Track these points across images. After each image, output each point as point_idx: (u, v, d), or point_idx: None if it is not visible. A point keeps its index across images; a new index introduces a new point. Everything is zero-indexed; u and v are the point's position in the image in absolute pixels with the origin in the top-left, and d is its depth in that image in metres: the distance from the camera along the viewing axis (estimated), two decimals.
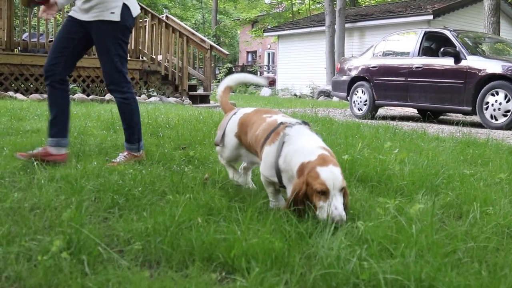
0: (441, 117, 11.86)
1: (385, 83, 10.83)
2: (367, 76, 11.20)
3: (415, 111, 12.59)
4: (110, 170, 3.43)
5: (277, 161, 2.67)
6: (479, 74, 9.17)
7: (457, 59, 9.54)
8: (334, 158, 2.61)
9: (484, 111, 9.09)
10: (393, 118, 10.80)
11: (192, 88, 14.13)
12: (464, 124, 8.77)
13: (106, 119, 6.19)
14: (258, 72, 38.99)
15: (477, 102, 9.17)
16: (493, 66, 9.10)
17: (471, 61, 9.39)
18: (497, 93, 8.90)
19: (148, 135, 5.16)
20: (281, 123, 2.83)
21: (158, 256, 2.05)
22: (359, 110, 11.33)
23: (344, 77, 11.92)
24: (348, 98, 11.76)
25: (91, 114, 6.95)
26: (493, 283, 1.73)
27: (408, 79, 10.37)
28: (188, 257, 2.00)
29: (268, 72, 41.37)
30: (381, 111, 12.58)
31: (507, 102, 8.75)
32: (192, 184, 3.13)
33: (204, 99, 13.88)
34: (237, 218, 2.39)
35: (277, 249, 1.97)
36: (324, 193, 2.43)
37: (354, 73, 11.62)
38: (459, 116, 11.78)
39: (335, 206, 2.41)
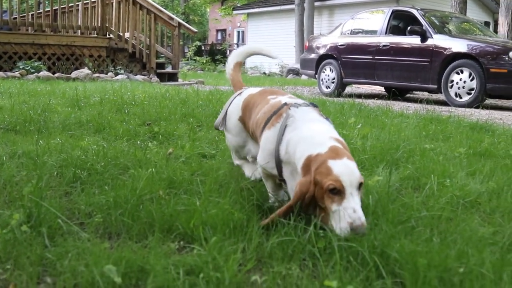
0: (408, 95, 12.01)
1: (353, 61, 10.92)
2: (335, 54, 11.26)
3: (383, 89, 12.73)
4: (73, 146, 3.42)
5: (277, 149, 2.21)
6: (445, 52, 9.31)
7: (424, 38, 9.66)
8: (348, 151, 2.15)
9: (449, 89, 9.24)
10: (360, 96, 10.89)
11: (160, 66, 14.02)
12: (429, 102, 8.92)
13: (71, 96, 6.12)
14: (228, 51, 38.77)
15: (442, 80, 9.31)
16: (458, 45, 9.24)
17: (437, 40, 9.52)
18: (462, 72, 9.05)
19: (113, 112, 5.13)
20: (285, 104, 2.38)
21: (118, 228, 2.06)
22: (327, 88, 11.40)
23: (313, 55, 11.96)
24: (316, 76, 11.82)
25: (56, 92, 6.86)
26: (442, 249, 1.79)
27: (376, 57, 10.47)
28: (148, 229, 2.02)
29: None
30: (349, 89, 12.66)
31: (471, 80, 8.91)
32: (156, 159, 3.14)
33: (172, 77, 13.78)
34: (198, 190, 2.42)
35: (236, 219, 2.01)
36: (339, 192, 1.93)
37: (322, 51, 11.67)
38: (425, 94, 11.94)
39: (353, 208, 1.91)
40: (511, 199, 2.58)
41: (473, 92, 8.91)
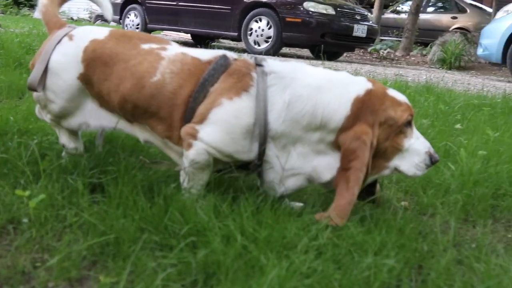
0: (213, 43, 12.19)
1: (157, 7, 10.81)
2: None
3: (189, 36, 12.77)
4: None
5: (265, 122, 1.63)
6: (245, 1, 9.55)
7: None
8: None
9: (248, 37, 9.54)
10: None
11: None
12: (232, 49, 9.10)
13: None
14: None
15: (242, 28, 9.56)
16: None
17: None
18: (261, 20, 9.36)
19: None
20: (225, 56, 1.75)
21: None
22: None
23: (118, 0, 11.59)
24: (121, 21, 11.52)
25: None
26: None
27: (179, 3, 10.44)
28: None
29: None
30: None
31: (269, 29, 9.26)
32: None
33: None
34: None
35: None
36: (410, 123, 1.71)
37: None
38: (231, 43, 12.20)
39: (422, 136, 1.74)
40: None
41: (270, 40, 9.28)
